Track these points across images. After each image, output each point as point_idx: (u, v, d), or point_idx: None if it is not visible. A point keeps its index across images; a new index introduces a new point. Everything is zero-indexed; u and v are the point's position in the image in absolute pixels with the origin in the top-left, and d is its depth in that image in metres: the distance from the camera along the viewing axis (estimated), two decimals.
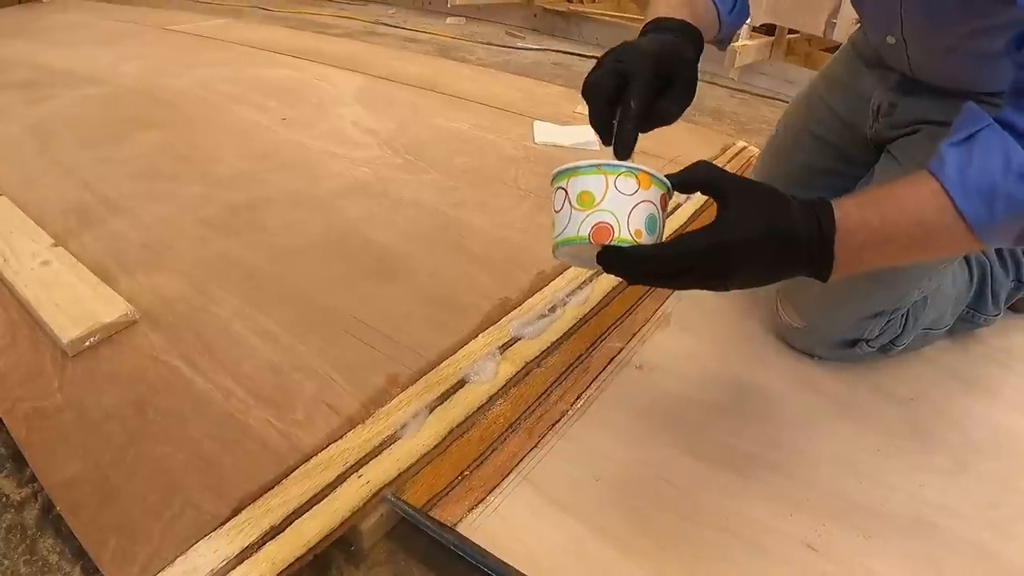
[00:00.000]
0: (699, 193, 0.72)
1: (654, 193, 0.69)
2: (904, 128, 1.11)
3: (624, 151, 0.74)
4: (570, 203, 0.68)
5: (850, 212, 0.69)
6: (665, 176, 0.70)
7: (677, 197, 1.62)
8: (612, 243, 0.66)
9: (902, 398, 1.10)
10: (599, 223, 0.67)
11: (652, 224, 0.68)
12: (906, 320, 1.11)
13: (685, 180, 0.71)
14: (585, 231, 0.67)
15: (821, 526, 0.87)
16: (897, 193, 0.71)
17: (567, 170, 0.69)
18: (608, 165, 0.67)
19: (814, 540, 0.85)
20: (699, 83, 0.83)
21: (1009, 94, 0.71)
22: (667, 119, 0.79)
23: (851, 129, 1.22)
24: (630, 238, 0.66)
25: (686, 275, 0.68)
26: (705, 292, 0.73)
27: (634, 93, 0.75)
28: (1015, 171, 0.66)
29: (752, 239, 0.66)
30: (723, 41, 1.04)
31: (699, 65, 0.85)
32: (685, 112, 0.81)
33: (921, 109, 1.08)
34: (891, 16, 1.01)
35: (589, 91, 0.77)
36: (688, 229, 1.47)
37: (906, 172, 1.05)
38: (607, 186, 0.67)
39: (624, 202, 0.67)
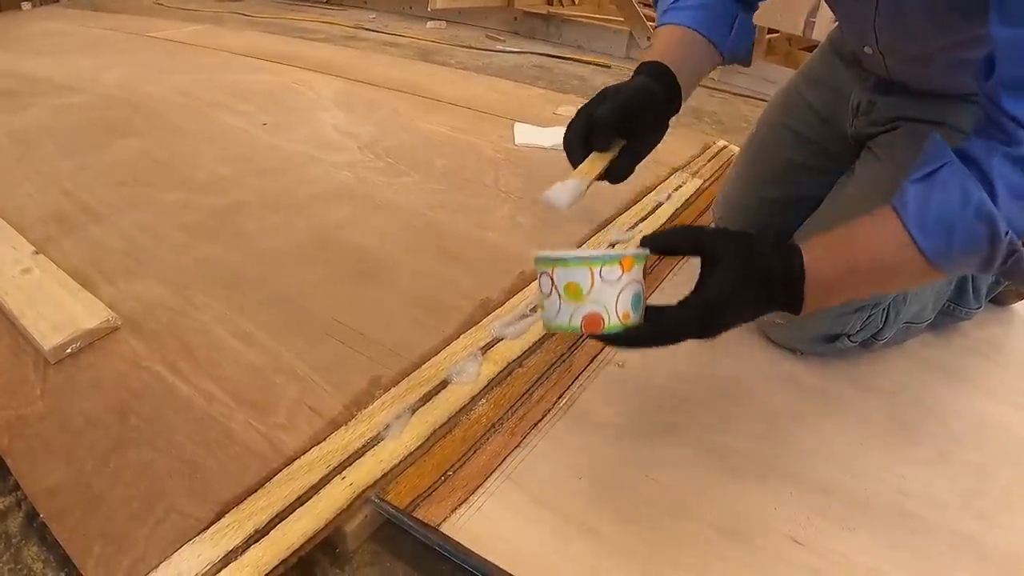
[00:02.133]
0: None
1: (637, 271, 0.71)
2: (883, 125, 1.12)
3: None
4: (558, 293, 0.71)
5: (818, 256, 0.75)
6: (644, 240, 0.76)
7: (658, 194, 1.63)
8: (604, 332, 0.70)
9: (884, 391, 1.11)
10: (589, 314, 0.70)
11: (637, 302, 0.71)
12: (887, 315, 1.12)
13: (666, 247, 0.78)
14: (577, 322, 0.70)
15: (806, 519, 0.87)
16: (861, 233, 0.77)
17: (552, 259, 0.71)
18: (593, 257, 0.69)
19: (799, 533, 0.85)
20: None
21: (976, 127, 0.74)
22: (622, 175, 0.88)
23: (830, 125, 1.23)
24: (619, 323, 0.70)
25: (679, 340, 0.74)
26: (685, 285, 0.76)
27: (596, 143, 0.85)
28: (972, 207, 0.71)
29: (734, 292, 0.73)
30: (740, 60, 1.06)
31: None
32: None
33: (899, 107, 1.09)
34: (865, 31, 1.02)
35: (565, 141, 0.87)
36: (674, 223, 1.47)
37: (886, 168, 1.07)
38: (593, 278, 0.69)
39: (610, 291, 0.69)
